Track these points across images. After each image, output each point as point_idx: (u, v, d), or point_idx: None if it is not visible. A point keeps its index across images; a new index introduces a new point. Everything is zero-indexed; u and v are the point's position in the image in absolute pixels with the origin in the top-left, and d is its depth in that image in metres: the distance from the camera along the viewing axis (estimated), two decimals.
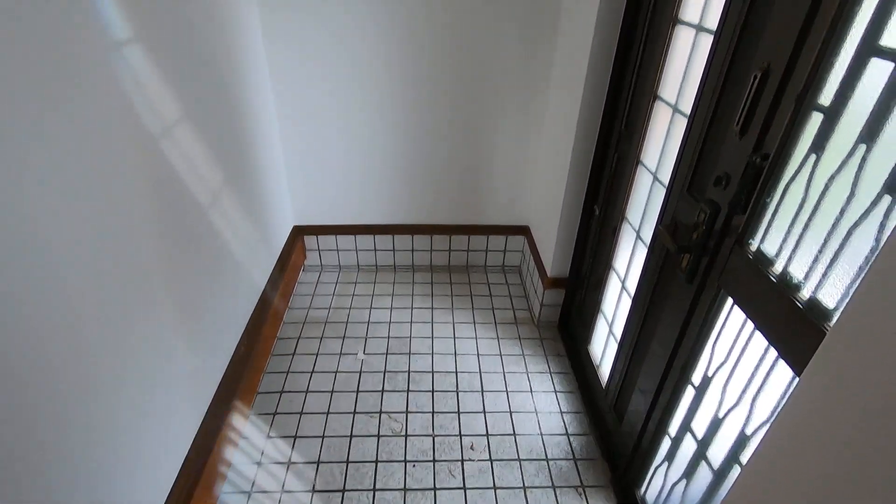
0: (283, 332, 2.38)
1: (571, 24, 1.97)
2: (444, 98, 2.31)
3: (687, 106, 1.34)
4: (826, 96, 0.84)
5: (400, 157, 2.48)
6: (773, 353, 0.97)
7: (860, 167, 0.77)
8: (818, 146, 0.86)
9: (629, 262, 1.73)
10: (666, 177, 1.43)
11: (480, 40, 2.17)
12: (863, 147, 0.76)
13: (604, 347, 1.98)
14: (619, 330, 1.77)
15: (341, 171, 2.51)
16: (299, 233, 2.71)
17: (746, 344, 1.06)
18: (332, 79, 2.24)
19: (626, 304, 1.70)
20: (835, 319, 0.79)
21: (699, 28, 1.29)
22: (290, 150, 2.43)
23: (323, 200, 2.61)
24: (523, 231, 2.76)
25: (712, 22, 1.23)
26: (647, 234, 1.56)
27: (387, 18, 2.11)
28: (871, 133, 0.75)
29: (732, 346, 1.11)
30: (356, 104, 2.31)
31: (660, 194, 1.48)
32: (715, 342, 1.18)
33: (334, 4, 2.07)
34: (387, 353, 2.27)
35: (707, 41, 1.24)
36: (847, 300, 0.77)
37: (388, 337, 2.37)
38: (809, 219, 0.88)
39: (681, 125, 1.37)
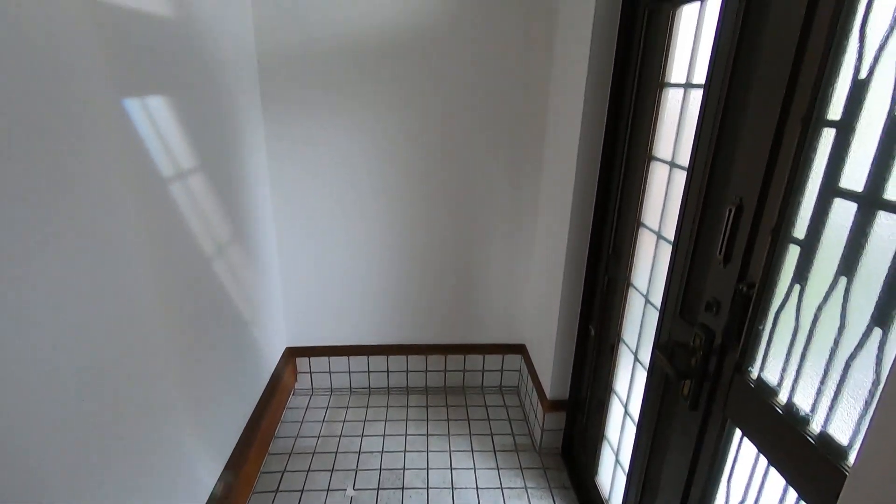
0: (267, 465, 2.22)
1: (556, 153, 2.13)
2: (437, 219, 2.42)
3: (669, 232, 1.40)
4: (799, 230, 0.89)
5: (394, 276, 2.52)
6: (793, 492, 0.91)
7: (845, 299, 0.78)
8: (801, 277, 0.88)
9: (630, 384, 1.68)
10: (657, 299, 1.45)
11: (472, 164, 2.33)
12: (844, 279, 0.79)
13: (612, 479, 1.84)
14: (626, 459, 1.66)
15: (337, 292, 2.53)
16: (291, 355, 2.65)
17: (763, 480, 0.99)
18: (330, 202, 2.36)
19: (631, 430, 1.62)
20: (851, 458, 0.75)
21: (672, 164, 1.40)
22: (287, 272, 2.48)
23: (317, 321, 2.60)
24: (520, 350, 2.72)
25: (684, 159, 1.34)
26: (645, 357, 1.54)
27: (384, 146, 2.28)
28: (848, 266, 0.78)
29: (749, 483, 1.04)
30: (352, 226, 2.41)
31: (653, 316, 1.49)
32: (730, 477, 1.11)
33: (335, 132, 2.25)
34: (378, 488, 2.10)
35: (682, 176, 1.34)
36: (861, 437, 0.74)
37: (380, 469, 2.21)
38: (805, 348, 0.87)
39: (666, 250, 1.43)
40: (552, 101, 2.16)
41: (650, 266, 1.54)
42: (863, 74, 0.75)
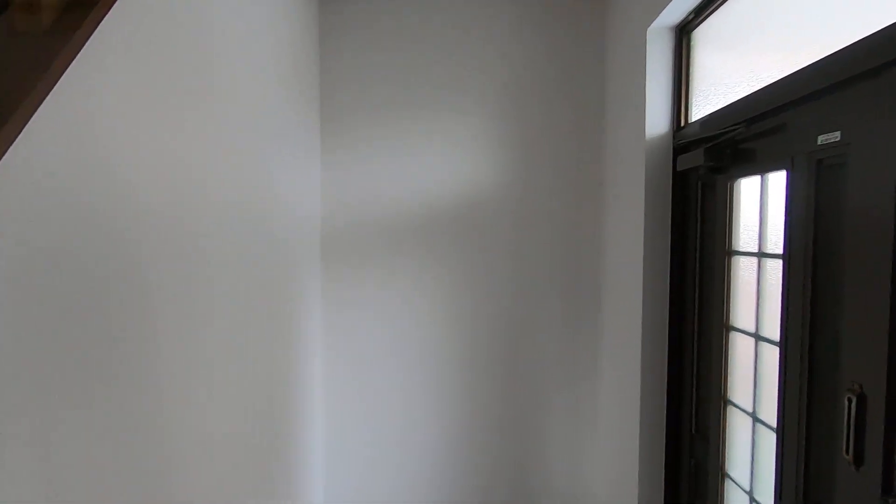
0: None
1: (615, 320, 2.02)
2: (489, 392, 2.26)
3: (766, 414, 1.21)
4: None
5: (441, 450, 2.29)
6: None
7: None
8: None
9: None
10: (766, 498, 1.20)
11: (525, 331, 2.23)
12: None
13: None
14: None
15: (381, 480, 2.31)
16: None
17: None
18: (376, 371, 2.27)
19: None
20: None
21: (758, 337, 1.26)
22: (332, 436, 2.31)
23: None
24: None
25: (771, 331, 1.20)
26: None
27: (432, 312, 2.24)
28: None
29: None
30: (397, 402, 2.28)
31: None
32: None
33: (390, 311, 2.24)
34: None
35: (772, 351, 1.19)
36: None
37: None
38: None
39: (766, 436, 1.21)
40: (607, 269, 2.13)
41: (749, 453, 1.31)
42: None
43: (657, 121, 1.65)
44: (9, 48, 0.72)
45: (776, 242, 1.19)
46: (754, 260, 1.28)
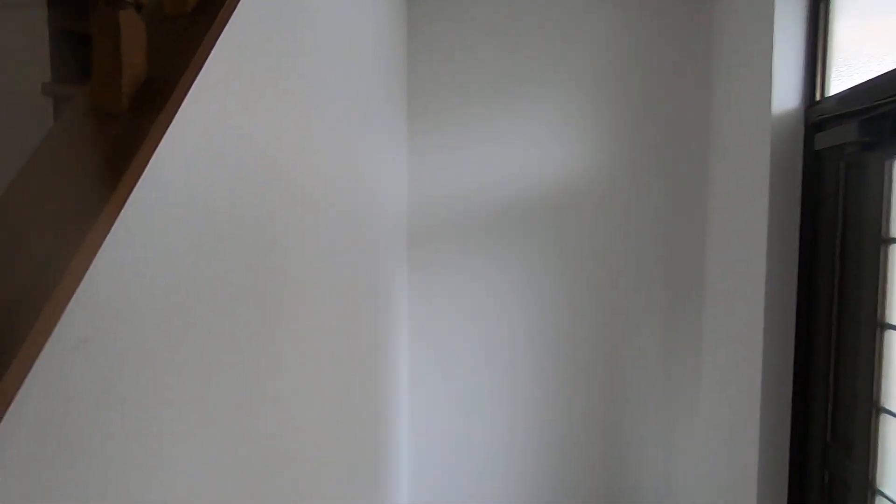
0: None
1: (727, 315, 1.87)
2: (578, 408, 2.15)
3: None
4: None
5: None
6: None
7: None
8: None
9: None
10: None
11: (617, 338, 2.11)
12: None
13: None
14: None
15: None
16: None
17: None
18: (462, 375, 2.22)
19: None
20: None
21: None
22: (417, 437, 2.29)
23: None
24: None
25: None
26: None
27: (520, 309, 2.16)
28: None
29: None
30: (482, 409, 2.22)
31: None
32: None
33: (476, 302, 2.18)
34: None
35: None
36: None
37: None
38: None
39: None
40: (714, 256, 1.97)
41: None
42: None
43: (786, 95, 1.48)
44: (160, 30, 0.70)
45: None
46: None
